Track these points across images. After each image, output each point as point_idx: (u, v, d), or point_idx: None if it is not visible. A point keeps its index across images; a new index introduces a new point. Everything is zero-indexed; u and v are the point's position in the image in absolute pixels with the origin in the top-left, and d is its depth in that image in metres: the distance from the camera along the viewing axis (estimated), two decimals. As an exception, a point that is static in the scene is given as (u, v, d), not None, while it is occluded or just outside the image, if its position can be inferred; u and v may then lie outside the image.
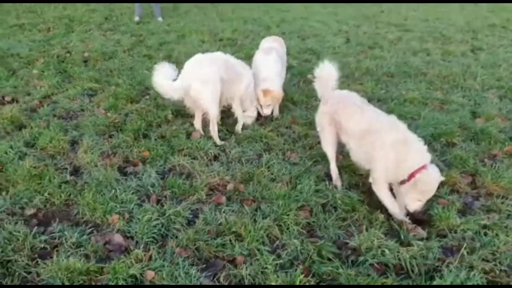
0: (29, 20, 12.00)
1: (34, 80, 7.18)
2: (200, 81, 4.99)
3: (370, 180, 4.00)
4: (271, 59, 5.83)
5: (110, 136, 5.24)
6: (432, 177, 3.66)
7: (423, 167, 3.65)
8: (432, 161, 3.79)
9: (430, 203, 3.94)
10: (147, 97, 6.54)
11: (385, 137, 3.77)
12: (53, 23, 11.80)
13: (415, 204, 3.72)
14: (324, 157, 4.71)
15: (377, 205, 3.99)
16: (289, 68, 7.96)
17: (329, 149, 4.34)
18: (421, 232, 3.68)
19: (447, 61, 8.82)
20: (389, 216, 3.87)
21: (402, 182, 3.77)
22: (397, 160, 3.70)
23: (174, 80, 4.89)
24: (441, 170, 4.45)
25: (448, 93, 6.90)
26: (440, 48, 9.76)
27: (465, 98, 6.69)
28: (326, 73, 4.34)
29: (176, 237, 3.55)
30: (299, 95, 6.49)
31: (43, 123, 5.50)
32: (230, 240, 3.48)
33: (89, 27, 11.47)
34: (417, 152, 3.71)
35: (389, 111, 5.95)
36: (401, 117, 5.79)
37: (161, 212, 3.79)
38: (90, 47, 9.20)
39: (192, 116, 5.86)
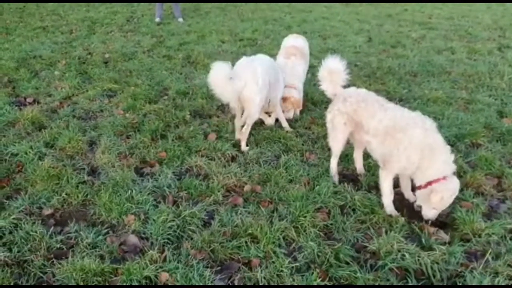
0: (52, 23, 12.19)
1: (55, 81, 7.26)
2: (254, 83, 4.85)
3: (380, 164, 3.91)
4: (291, 64, 5.75)
5: (128, 137, 5.24)
6: (450, 191, 3.55)
7: (444, 178, 3.53)
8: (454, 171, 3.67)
9: (452, 205, 3.81)
10: (166, 97, 6.54)
11: (412, 136, 3.64)
12: (76, 25, 11.96)
13: (430, 212, 3.62)
14: (343, 158, 4.62)
15: (398, 207, 3.87)
16: (310, 67, 7.86)
17: (337, 147, 4.26)
18: (444, 236, 3.55)
19: (472, 59, 8.58)
20: (410, 219, 3.75)
21: (419, 188, 3.65)
22: (419, 163, 3.58)
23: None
24: (465, 172, 4.36)
25: (473, 93, 6.70)
26: (465, 47, 9.51)
27: (491, 98, 6.47)
28: (330, 70, 4.20)
29: (191, 238, 3.50)
30: (319, 95, 6.37)
31: (63, 124, 5.53)
32: (246, 242, 3.41)
33: (111, 28, 11.57)
34: (442, 162, 3.58)
35: (412, 111, 5.92)
36: (424, 117, 5.76)
37: (177, 214, 3.75)
38: (110, 48, 9.28)
39: (210, 117, 5.85)
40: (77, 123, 5.60)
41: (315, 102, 6.25)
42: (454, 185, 3.57)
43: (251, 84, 4.83)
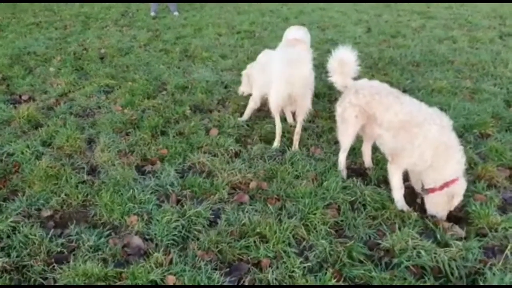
0: (46, 18, 11.98)
1: (50, 78, 7.08)
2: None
3: (389, 158, 3.79)
4: None
5: (127, 134, 5.09)
6: (464, 191, 3.51)
7: (458, 179, 3.43)
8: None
9: (465, 199, 3.70)
10: (164, 92, 6.38)
11: (428, 132, 3.51)
12: (70, 20, 11.75)
13: (442, 212, 3.52)
14: (350, 152, 4.48)
15: (408, 202, 3.75)
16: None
17: (347, 141, 4.13)
18: (459, 231, 3.43)
19: (474, 48, 8.46)
20: (423, 214, 3.63)
21: (432, 190, 3.53)
22: (432, 162, 3.46)
23: None
24: (476, 164, 4.24)
25: (478, 82, 6.57)
26: (466, 35, 9.38)
27: (497, 87, 6.35)
28: (341, 62, 4.05)
29: (198, 239, 3.37)
30: (321, 87, 6.22)
31: (60, 122, 5.37)
32: (255, 242, 3.27)
33: (106, 23, 11.38)
34: (456, 162, 3.48)
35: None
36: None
37: (181, 213, 3.61)
38: (106, 44, 9.09)
39: (211, 111, 5.70)
40: (74, 120, 5.44)
41: (318, 94, 6.09)
42: (464, 185, 3.50)
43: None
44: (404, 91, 6.16)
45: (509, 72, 6.87)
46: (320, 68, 7.14)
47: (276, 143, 4.71)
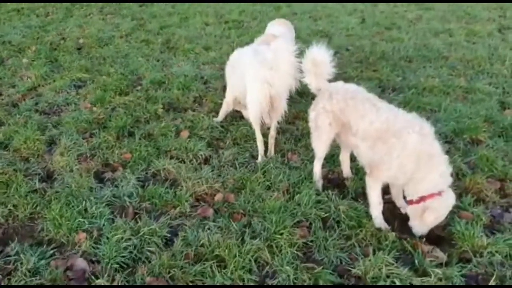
0: (28, 5, 11.47)
1: (22, 70, 6.72)
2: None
3: (367, 170, 3.45)
4: None
5: (92, 135, 4.73)
6: (445, 208, 3.15)
7: (439, 193, 3.08)
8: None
9: (450, 215, 3.36)
10: (139, 88, 6.01)
11: (406, 141, 3.15)
12: (54, 7, 11.26)
13: (422, 229, 3.17)
14: (329, 159, 4.14)
15: (388, 219, 3.42)
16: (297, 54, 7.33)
17: (321, 149, 3.77)
18: (440, 255, 3.09)
19: (471, 42, 8.02)
20: (401, 234, 3.30)
21: (410, 202, 3.19)
22: (413, 174, 3.11)
23: None
24: (464, 175, 3.89)
25: (473, 80, 6.18)
26: (464, 28, 8.93)
27: (492, 86, 5.96)
28: (315, 61, 3.66)
29: (149, 261, 3.03)
30: (305, 85, 5.84)
31: (21, 120, 5.02)
32: (211, 267, 2.94)
33: (90, 11, 10.90)
34: (439, 174, 3.12)
35: (406, 102, 5.42)
36: (419, 109, 5.27)
37: (135, 230, 3.27)
38: (86, 33, 8.66)
39: (186, 110, 5.34)
40: (38, 119, 5.09)
41: (301, 93, 5.70)
42: (450, 201, 3.13)
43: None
44: (394, 90, 5.84)
45: (506, 70, 6.47)
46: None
47: (259, 158, 4.30)
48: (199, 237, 3.21)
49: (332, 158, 4.18)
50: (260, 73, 3.98)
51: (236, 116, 5.08)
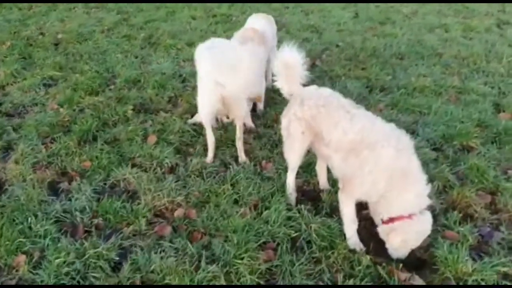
0: (12, -3, 11.12)
1: (-8, 67, 6.35)
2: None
3: (339, 184, 3.12)
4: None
5: (53, 140, 4.38)
6: (416, 233, 2.83)
7: (409, 216, 2.73)
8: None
9: (434, 234, 3.04)
10: (112, 87, 5.66)
11: (380, 156, 2.81)
12: (38, -1, 10.90)
13: (396, 252, 2.83)
14: (306, 168, 3.80)
15: (364, 238, 3.08)
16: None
17: (294, 160, 3.42)
18: (419, 283, 2.75)
19: (468, 38, 7.65)
20: (376, 257, 2.96)
21: (382, 221, 2.86)
22: (385, 192, 2.77)
23: None
24: (452, 187, 3.56)
25: (467, 79, 5.82)
26: (461, 23, 8.55)
27: (487, 86, 5.60)
28: (286, 64, 3.31)
29: (89, 291, 2.70)
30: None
31: (-19, 123, 4.68)
32: (159, 298, 2.61)
33: (75, 4, 10.51)
34: (414, 194, 2.79)
35: (393, 103, 5.07)
36: (407, 111, 4.93)
37: (80, 253, 2.94)
38: (66, 28, 8.27)
39: (158, 112, 5.00)
40: (-1, 121, 4.74)
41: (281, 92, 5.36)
42: (423, 225, 2.81)
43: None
44: (382, 90, 5.49)
45: (503, 68, 6.11)
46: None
47: (208, 158, 4.01)
48: (150, 261, 2.87)
49: (309, 166, 3.83)
50: (211, 73, 3.64)
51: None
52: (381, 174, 2.79)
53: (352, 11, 9.73)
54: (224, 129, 4.29)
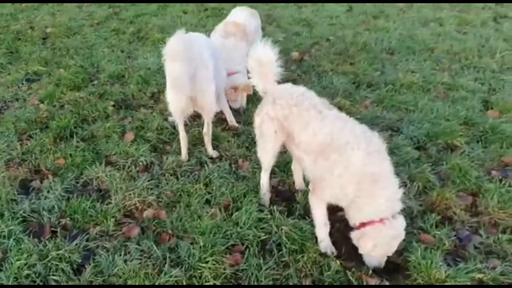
0: (4, -9, 11.03)
1: (-22, 62, 6.27)
2: (205, 67, 3.90)
3: (310, 187, 3.03)
4: (230, 46, 4.72)
5: (30, 137, 4.31)
6: (387, 237, 2.71)
7: (381, 220, 2.62)
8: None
9: (409, 237, 2.95)
10: (95, 82, 5.57)
11: (350, 159, 2.71)
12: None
13: (371, 260, 2.75)
14: (283, 167, 3.71)
15: (337, 241, 2.99)
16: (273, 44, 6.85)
17: (267, 160, 3.32)
18: (389, 289, 2.67)
19: (462, 32, 7.49)
20: (347, 262, 2.87)
21: (355, 227, 2.77)
22: (355, 196, 2.68)
23: None
24: (432, 188, 3.46)
25: (457, 75, 5.69)
26: (456, 17, 8.37)
27: (478, 82, 5.47)
28: (259, 61, 3.21)
29: (48, 295, 2.62)
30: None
31: (-41, 119, 4.61)
32: (118, 303, 2.53)
33: (67, -3, 10.42)
34: (385, 199, 2.68)
35: (379, 100, 4.96)
36: (393, 107, 4.82)
37: (43, 254, 2.86)
38: (56, 21, 8.15)
39: (139, 108, 4.91)
40: (-24, 117, 4.67)
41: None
42: (394, 230, 2.70)
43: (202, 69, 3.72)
44: (369, 86, 5.37)
45: (495, 64, 5.96)
46: (280, 54, 6.33)
47: (182, 156, 3.93)
48: (114, 264, 2.79)
49: (286, 166, 3.74)
50: (171, 66, 3.55)
51: (192, 116, 4.61)
52: (350, 177, 2.69)
53: (346, 4, 9.56)
54: (202, 126, 4.18)
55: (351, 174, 2.67)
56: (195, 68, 3.60)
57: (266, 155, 3.29)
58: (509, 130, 4.24)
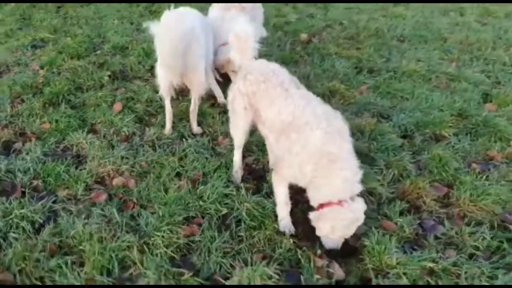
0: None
1: (-10, 26, 6.44)
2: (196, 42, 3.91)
3: (271, 165, 3.03)
4: (229, 17, 4.67)
5: (22, 101, 4.42)
6: (344, 220, 2.65)
7: (339, 202, 2.59)
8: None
9: (371, 223, 2.92)
10: (98, 52, 5.64)
11: (308, 139, 2.69)
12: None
13: (327, 241, 2.74)
14: (261, 147, 3.69)
15: (298, 220, 2.98)
16: (283, 24, 6.80)
17: (239, 136, 3.31)
18: (338, 273, 2.65)
19: (481, 23, 7.24)
20: (304, 241, 2.86)
21: (314, 208, 2.74)
22: (313, 177, 2.65)
23: None
24: (407, 176, 3.40)
25: (464, 66, 5.51)
26: (479, 7, 8.08)
27: (484, 74, 5.29)
28: (237, 36, 3.19)
29: (4, 250, 2.71)
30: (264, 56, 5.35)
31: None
32: (67, 263, 2.59)
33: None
34: (342, 180, 2.63)
35: (376, 86, 4.87)
36: (388, 94, 4.74)
37: (8, 212, 2.95)
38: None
39: (134, 79, 4.97)
40: (-23, 79, 4.81)
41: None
42: (352, 213, 2.64)
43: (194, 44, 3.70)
44: (371, 71, 5.27)
45: (507, 57, 5.73)
46: (290, 35, 6.29)
47: (166, 129, 3.95)
48: (73, 226, 2.86)
49: (265, 144, 3.71)
50: (162, 44, 3.57)
51: (183, 91, 4.63)
52: (308, 157, 2.66)
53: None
54: (189, 101, 4.19)
55: (308, 153, 2.64)
56: (187, 44, 3.60)
57: (238, 132, 3.29)
58: (502, 124, 4.10)
